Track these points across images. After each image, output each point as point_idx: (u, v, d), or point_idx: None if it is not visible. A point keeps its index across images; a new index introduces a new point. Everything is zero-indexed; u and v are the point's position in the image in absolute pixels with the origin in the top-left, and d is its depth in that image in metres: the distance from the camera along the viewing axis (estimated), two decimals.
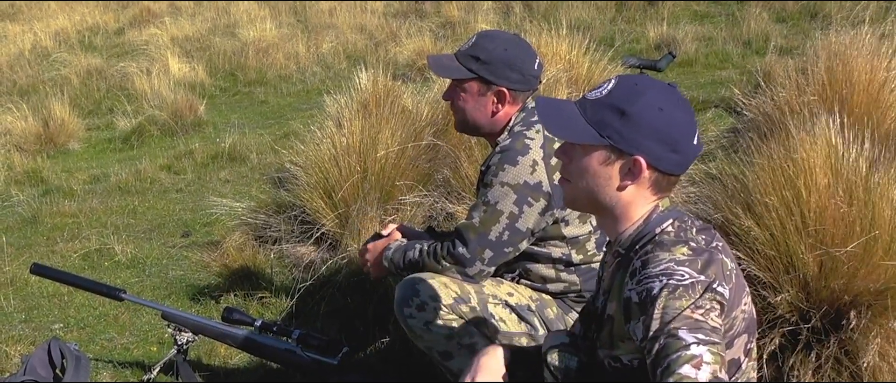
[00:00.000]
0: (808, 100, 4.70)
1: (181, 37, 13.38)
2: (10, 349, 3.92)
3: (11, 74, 12.02)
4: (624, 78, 1.90)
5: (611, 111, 1.83)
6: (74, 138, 8.80)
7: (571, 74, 5.73)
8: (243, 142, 7.62)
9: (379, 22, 13.39)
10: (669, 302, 1.69)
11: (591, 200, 1.92)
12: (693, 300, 1.69)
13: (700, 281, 1.72)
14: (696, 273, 1.73)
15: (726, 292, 1.76)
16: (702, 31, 10.65)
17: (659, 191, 1.90)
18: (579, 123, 1.86)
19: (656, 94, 1.84)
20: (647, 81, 1.88)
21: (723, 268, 1.79)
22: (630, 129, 1.82)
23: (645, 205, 1.90)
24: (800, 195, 3.02)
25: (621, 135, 1.82)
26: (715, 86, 8.01)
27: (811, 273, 2.98)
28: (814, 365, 2.94)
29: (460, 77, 2.78)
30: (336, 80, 9.27)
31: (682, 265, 1.74)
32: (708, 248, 1.81)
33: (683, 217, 1.89)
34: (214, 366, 3.69)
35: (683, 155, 1.86)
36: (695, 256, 1.76)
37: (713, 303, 1.71)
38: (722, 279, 1.76)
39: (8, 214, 6.26)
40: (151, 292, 4.63)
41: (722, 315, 1.73)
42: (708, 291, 1.72)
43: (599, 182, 1.88)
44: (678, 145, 1.84)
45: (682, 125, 1.84)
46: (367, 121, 4.78)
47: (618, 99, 1.84)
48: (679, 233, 1.84)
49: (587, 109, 1.87)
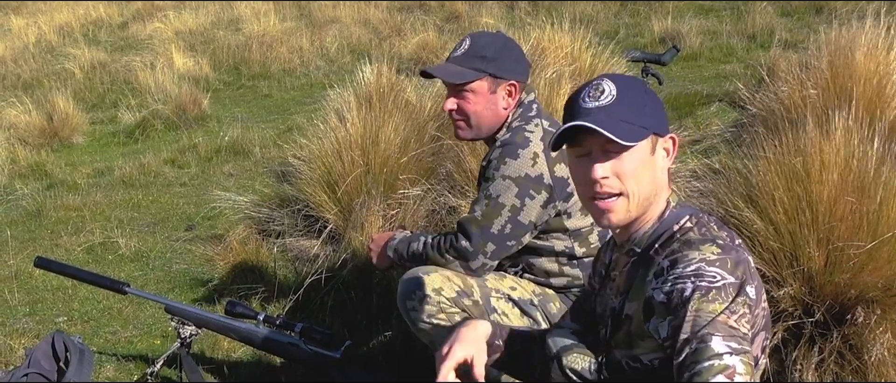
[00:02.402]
0: (812, 95, 4.69)
1: (185, 30, 13.37)
2: (14, 342, 3.93)
3: (16, 68, 12.04)
4: (613, 77, 1.89)
5: (636, 106, 1.84)
6: (78, 132, 8.81)
7: (575, 68, 5.72)
8: (247, 136, 7.62)
9: (383, 16, 13.37)
10: (702, 305, 1.67)
11: (647, 195, 1.87)
12: (726, 304, 1.67)
13: (732, 283, 1.70)
14: (728, 273, 1.70)
15: (754, 292, 1.74)
16: (706, 24, 10.62)
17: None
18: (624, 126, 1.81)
19: (643, 83, 1.90)
20: (628, 77, 1.92)
21: (749, 265, 1.77)
22: (654, 116, 1.85)
23: (665, 193, 1.91)
24: (811, 190, 3.01)
25: (652, 121, 1.85)
26: (719, 80, 7.99)
27: (817, 267, 2.98)
28: (817, 359, 2.93)
29: (471, 78, 2.77)
30: (340, 74, 9.27)
31: (713, 265, 1.71)
32: (734, 246, 1.79)
33: (698, 212, 1.88)
34: (218, 360, 3.69)
35: None
36: (724, 255, 1.73)
37: (744, 308, 1.69)
38: (750, 278, 1.74)
39: (12, 208, 6.28)
40: (155, 286, 4.63)
41: (751, 317, 1.71)
42: (740, 294, 1.69)
43: (649, 169, 1.86)
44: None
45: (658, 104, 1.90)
46: (371, 115, 4.77)
47: (630, 93, 1.85)
48: (703, 231, 1.82)
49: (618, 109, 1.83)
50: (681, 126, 5.33)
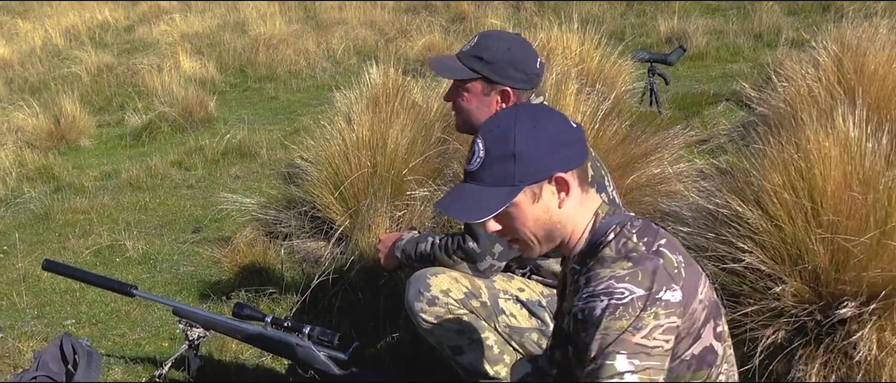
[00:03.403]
0: (820, 93, 4.68)
1: (191, 33, 13.40)
2: (23, 345, 3.94)
3: (23, 72, 12.07)
4: (485, 134, 1.88)
5: (503, 160, 1.83)
6: (85, 135, 8.83)
7: (582, 69, 5.71)
8: (253, 138, 7.63)
9: (389, 17, 13.39)
10: (610, 324, 1.70)
11: (545, 232, 1.90)
12: (632, 320, 1.70)
13: (640, 296, 1.71)
14: (637, 287, 1.72)
15: (675, 295, 1.74)
16: (713, 24, 10.62)
17: (583, 188, 1.90)
18: (488, 193, 1.84)
19: (522, 124, 1.84)
20: (505, 119, 1.88)
21: (668, 268, 1.77)
22: (527, 163, 1.82)
23: (586, 215, 1.90)
24: (814, 186, 3.00)
25: (525, 171, 1.82)
26: (726, 79, 7.98)
27: (822, 265, 2.96)
28: (822, 358, 2.92)
29: (464, 77, 2.76)
30: (346, 76, 9.28)
31: (622, 281, 1.73)
32: (649, 253, 1.78)
33: (625, 221, 1.87)
34: (225, 362, 3.69)
35: (576, 148, 1.88)
36: (635, 267, 1.74)
37: (658, 319, 1.71)
38: (668, 282, 1.75)
39: (20, 211, 6.29)
40: (163, 288, 4.64)
41: (673, 322, 1.73)
42: (651, 306, 1.71)
43: (539, 213, 1.87)
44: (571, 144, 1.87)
45: (559, 127, 1.86)
46: (377, 117, 4.77)
47: (497, 149, 1.84)
48: (620, 246, 1.82)
49: (483, 176, 1.85)
50: (688, 125, 5.32)
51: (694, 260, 1.90)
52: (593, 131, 4.27)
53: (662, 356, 1.71)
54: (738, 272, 3.08)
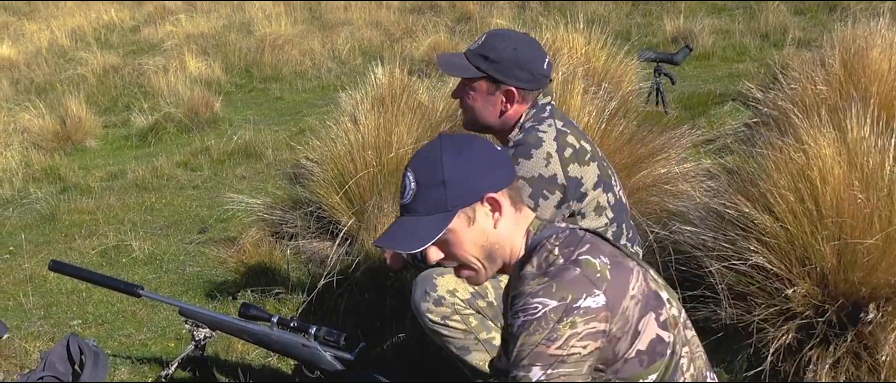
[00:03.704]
0: (826, 93, 4.67)
1: (197, 34, 13.41)
2: (30, 345, 3.94)
3: (29, 72, 12.09)
4: (413, 167, 1.91)
5: (434, 188, 1.86)
6: (91, 136, 8.85)
7: (588, 68, 5.70)
8: (259, 138, 7.63)
9: (394, 17, 13.38)
10: (525, 339, 1.76)
11: (487, 254, 1.93)
12: (546, 332, 1.74)
13: (553, 308, 1.75)
14: (550, 299, 1.76)
15: (597, 300, 1.77)
16: (719, 24, 10.59)
17: (516, 206, 1.93)
18: (423, 223, 1.88)
19: (448, 152, 1.88)
20: (431, 150, 1.91)
21: (589, 275, 1.79)
22: (457, 188, 1.85)
23: (517, 231, 1.93)
24: (814, 186, 3.00)
25: (456, 196, 1.86)
26: (732, 79, 7.96)
27: (829, 265, 2.95)
28: (832, 359, 2.91)
29: (469, 76, 2.77)
30: (351, 76, 9.27)
31: (536, 296, 1.77)
32: (567, 264, 1.81)
33: (551, 235, 1.90)
34: (232, 362, 3.69)
35: (504, 170, 1.92)
36: (550, 281, 1.78)
37: (575, 328, 1.74)
38: (588, 288, 1.77)
39: (26, 211, 6.30)
40: (169, 288, 4.64)
41: (594, 328, 1.76)
42: (567, 316, 1.74)
43: (475, 235, 1.90)
44: (499, 166, 1.91)
45: (484, 151, 1.91)
46: (383, 117, 4.77)
47: (426, 179, 1.87)
48: (541, 261, 1.86)
49: (417, 207, 1.89)
50: (694, 125, 5.31)
51: (628, 255, 1.92)
52: (600, 131, 4.26)
53: (578, 361, 1.76)
54: (745, 272, 3.07)
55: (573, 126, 2.84)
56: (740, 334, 3.16)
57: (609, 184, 2.78)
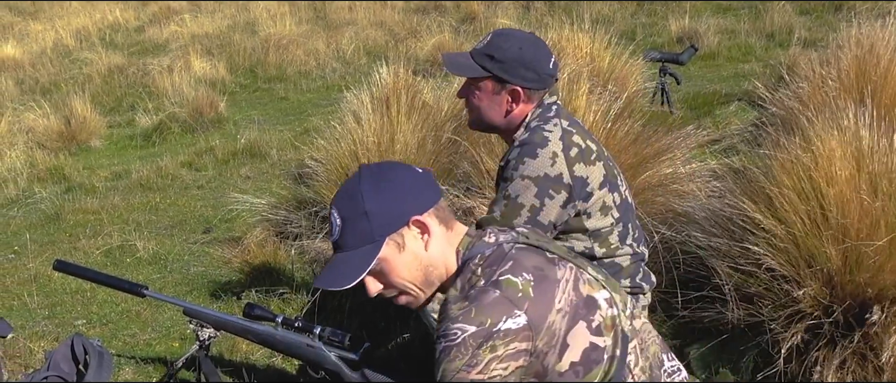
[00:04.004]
0: (832, 93, 4.65)
1: (201, 34, 13.42)
2: (34, 345, 3.94)
3: (34, 72, 12.11)
4: (336, 203, 1.92)
5: (359, 220, 1.87)
6: (96, 135, 8.85)
7: (593, 68, 5.69)
8: (263, 138, 7.64)
9: (399, 17, 13.39)
10: (447, 366, 1.77)
11: (423, 278, 1.94)
12: (466, 359, 1.75)
13: (472, 334, 1.74)
14: (469, 324, 1.75)
15: (517, 321, 1.76)
16: (724, 23, 10.58)
17: (446, 225, 1.93)
18: (354, 256, 1.88)
19: (367, 183, 1.88)
20: (351, 184, 1.92)
21: (509, 296, 1.78)
22: (382, 217, 1.86)
23: (449, 248, 1.93)
24: (819, 188, 2.98)
25: (381, 225, 1.87)
26: (738, 79, 7.95)
27: (835, 267, 2.94)
28: (838, 360, 2.90)
29: (474, 75, 2.76)
30: (356, 76, 9.27)
31: (456, 321, 1.77)
32: (487, 286, 1.80)
33: (475, 255, 1.89)
34: (236, 362, 3.69)
35: (428, 192, 1.92)
36: (470, 305, 1.77)
37: (495, 351, 1.74)
38: (508, 310, 1.76)
39: (31, 211, 6.30)
40: (173, 288, 4.64)
41: (515, 349, 1.75)
42: (487, 340, 1.74)
43: (408, 260, 1.91)
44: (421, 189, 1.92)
45: (404, 176, 1.92)
46: (387, 117, 4.76)
47: (350, 213, 1.87)
48: (464, 283, 1.86)
49: (345, 242, 1.89)
50: (700, 125, 5.30)
51: (560, 260, 1.89)
52: (605, 131, 4.25)
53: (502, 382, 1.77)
54: (752, 273, 3.06)
55: (579, 125, 2.83)
56: (746, 335, 3.15)
57: (615, 184, 2.77)
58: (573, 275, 1.87)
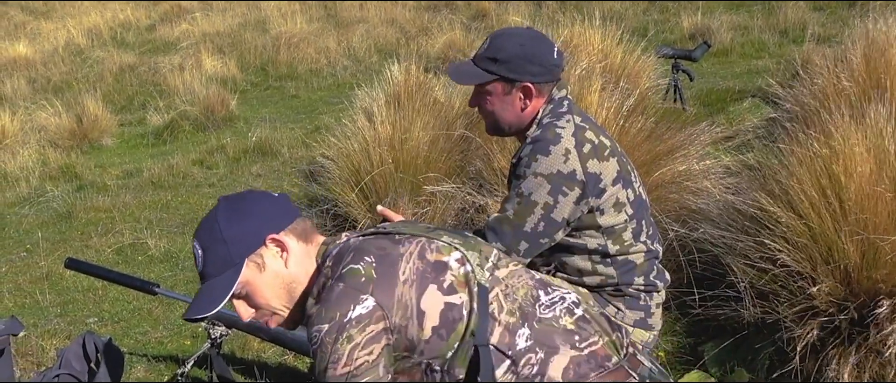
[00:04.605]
0: (847, 89, 4.62)
1: (213, 32, 13.44)
2: (46, 343, 3.94)
3: (46, 71, 12.14)
4: (197, 236, 1.95)
5: (217, 247, 1.90)
6: (107, 134, 8.87)
7: (605, 65, 5.66)
8: (274, 136, 7.63)
9: (410, 15, 13.38)
10: (318, 367, 1.82)
11: (288, 295, 1.98)
12: (328, 356, 1.80)
13: (327, 331, 1.79)
14: (322, 323, 1.80)
15: (366, 304, 1.80)
16: (737, 20, 10.53)
17: (306, 240, 1.97)
18: (217, 282, 1.91)
19: (222, 212, 1.94)
20: (208, 218, 1.96)
21: (352, 284, 1.82)
22: (239, 241, 1.91)
23: (307, 265, 1.97)
24: (839, 183, 2.95)
25: (239, 248, 1.91)
26: (751, 75, 7.91)
27: (852, 263, 2.91)
28: (855, 358, 2.87)
29: (482, 81, 2.74)
30: (367, 74, 9.27)
31: (313, 325, 1.82)
32: (333, 282, 1.85)
33: (326, 257, 1.95)
34: (248, 360, 3.68)
35: (283, 211, 1.97)
36: (321, 306, 1.83)
37: (352, 341, 1.78)
38: (353, 297, 1.80)
39: (43, 209, 6.31)
40: (185, 286, 4.63)
41: (373, 330, 1.79)
42: (340, 333, 1.78)
43: (269, 280, 1.95)
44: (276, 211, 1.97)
45: (258, 200, 1.97)
46: (399, 114, 4.75)
47: (209, 243, 1.91)
48: (318, 287, 1.91)
49: (209, 271, 1.93)
50: (713, 122, 5.26)
51: (405, 237, 1.93)
52: (618, 128, 4.23)
53: (371, 367, 1.81)
54: (767, 270, 3.03)
55: (591, 121, 2.81)
56: (762, 333, 3.12)
57: (628, 181, 2.75)
58: (418, 247, 1.91)
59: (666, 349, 3.44)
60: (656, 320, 2.73)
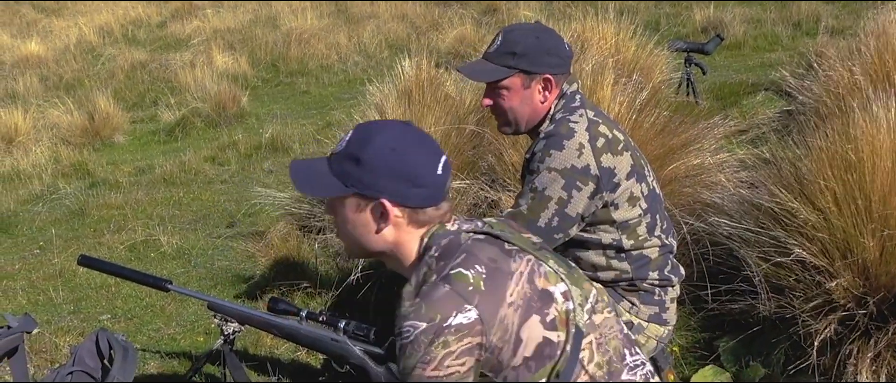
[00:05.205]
0: (862, 81, 4.58)
1: (223, 29, 13.45)
2: (60, 340, 3.95)
3: (58, 69, 12.17)
4: (360, 126, 1.90)
5: (349, 160, 1.85)
6: (119, 131, 8.89)
7: (618, 59, 5.63)
8: (286, 132, 7.64)
9: (420, 10, 13.36)
10: (406, 363, 1.76)
11: (361, 248, 1.93)
12: (420, 355, 1.73)
13: (423, 331, 1.73)
14: (420, 321, 1.73)
15: (468, 316, 1.74)
16: (750, 12, 10.47)
17: (421, 224, 1.89)
18: (326, 178, 1.88)
19: (388, 136, 1.84)
20: (380, 125, 1.89)
21: (459, 290, 1.75)
22: (367, 174, 1.83)
23: (412, 242, 1.90)
24: (862, 178, 2.92)
25: (361, 181, 1.83)
26: (764, 68, 7.87)
27: (871, 257, 2.88)
28: (873, 353, 2.84)
29: (502, 76, 2.72)
30: (378, 69, 9.26)
31: (408, 319, 1.75)
32: (438, 281, 1.78)
33: (433, 245, 1.87)
34: (261, 356, 3.68)
35: (429, 187, 1.85)
36: (421, 302, 1.76)
37: (448, 347, 1.73)
38: (458, 305, 1.74)
39: (56, 207, 6.33)
40: (197, 283, 4.63)
41: (468, 344, 1.74)
42: (438, 336, 1.72)
43: (360, 230, 1.89)
44: (419, 179, 1.84)
45: (417, 160, 1.84)
46: (410, 109, 4.73)
47: (353, 147, 1.85)
48: (419, 278, 1.84)
49: (332, 164, 1.88)
50: (726, 115, 5.23)
51: (517, 252, 1.86)
52: (631, 122, 4.20)
53: (461, 378, 1.75)
54: (784, 264, 3.00)
55: (604, 116, 2.79)
56: (777, 327, 3.10)
57: (642, 175, 2.73)
58: (529, 268, 1.84)
59: (680, 344, 3.42)
60: (671, 315, 2.72)
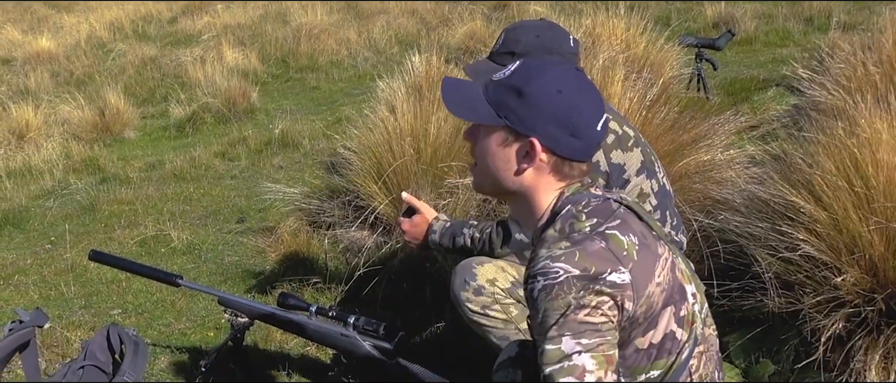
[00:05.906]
0: (874, 77, 4.56)
1: (233, 24, 13.47)
2: (71, 334, 3.97)
3: (68, 65, 12.20)
4: (529, 60, 1.83)
5: (510, 91, 1.76)
6: (130, 127, 8.91)
7: (629, 55, 5.62)
8: (296, 128, 7.64)
9: (430, 6, 13.34)
10: (548, 305, 1.64)
11: (494, 183, 1.85)
12: (569, 299, 1.62)
13: (577, 276, 1.63)
14: (573, 267, 1.64)
15: (622, 276, 1.66)
16: (761, 8, 10.43)
17: (563, 177, 1.80)
18: (480, 103, 1.79)
19: (557, 76, 1.76)
20: (552, 63, 1.81)
21: (615, 250, 1.68)
22: (526, 110, 1.74)
23: (549, 191, 1.81)
24: (865, 172, 2.91)
25: (517, 115, 1.75)
26: (776, 64, 7.84)
27: (878, 253, 2.87)
28: (881, 350, 2.83)
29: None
30: (388, 65, 9.25)
31: (557, 261, 1.65)
32: (592, 235, 1.70)
33: (581, 200, 1.78)
34: (271, 351, 3.69)
35: (584, 140, 1.77)
36: (573, 247, 1.67)
37: (600, 297, 1.63)
38: (613, 264, 1.66)
39: (67, 202, 6.35)
40: (207, 278, 4.64)
41: (616, 305, 1.65)
42: (592, 284, 1.63)
43: (499, 165, 1.80)
44: (577, 130, 1.75)
45: (582, 109, 1.75)
46: (421, 105, 4.73)
47: (517, 79, 1.77)
48: (565, 225, 1.73)
49: (490, 90, 1.80)
50: (737, 111, 5.21)
51: (658, 238, 1.81)
52: (641, 117, 4.20)
53: (612, 331, 1.65)
54: (792, 261, 2.99)
55: (614, 111, 2.79)
56: (787, 324, 3.09)
57: (652, 171, 2.73)
58: (671, 257, 1.79)
59: None
60: None
